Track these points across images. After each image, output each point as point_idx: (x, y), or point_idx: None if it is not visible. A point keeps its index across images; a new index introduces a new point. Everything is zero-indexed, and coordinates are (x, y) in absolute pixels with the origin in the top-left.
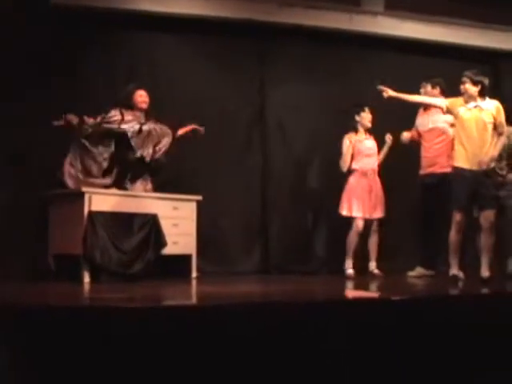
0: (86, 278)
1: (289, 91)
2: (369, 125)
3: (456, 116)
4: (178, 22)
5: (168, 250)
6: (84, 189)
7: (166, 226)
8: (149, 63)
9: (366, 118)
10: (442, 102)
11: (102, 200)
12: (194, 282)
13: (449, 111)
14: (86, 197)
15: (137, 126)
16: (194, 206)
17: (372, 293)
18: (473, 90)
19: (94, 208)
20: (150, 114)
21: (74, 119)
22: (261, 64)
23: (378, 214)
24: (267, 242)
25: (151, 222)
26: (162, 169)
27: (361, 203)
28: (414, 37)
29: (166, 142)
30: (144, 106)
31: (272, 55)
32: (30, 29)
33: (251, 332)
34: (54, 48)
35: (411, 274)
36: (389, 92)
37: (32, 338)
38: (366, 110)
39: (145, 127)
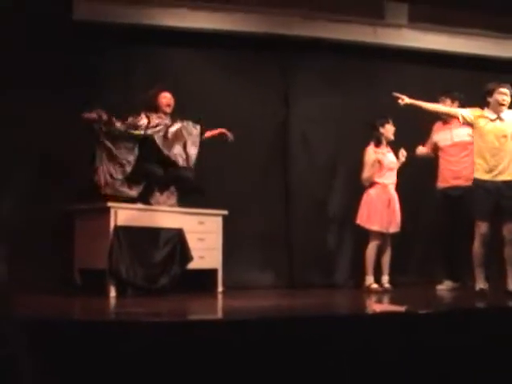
0: (112, 293)
1: (312, 104)
2: (392, 137)
3: (475, 127)
4: (200, 36)
5: (194, 264)
6: (110, 204)
7: (191, 240)
8: (171, 78)
9: (390, 130)
10: (459, 111)
11: (128, 215)
12: (219, 297)
13: (466, 122)
14: (112, 212)
15: (161, 132)
16: (219, 220)
17: (398, 306)
18: (508, 102)
19: (120, 223)
20: (176, 115)
21: (103, 115)
22: (284, 77)
23: (394, 228)
24: (291, 256)
25: (177, 237)
26: (189, 182)
27: (379, 217)
28: (437, 49)
29: (194, 148)
30: (168, 109)
31: (295, 69)
32: (51, 43)
33: (277, 346)
34: (75, 62)
35: (440, 287)
36: (405, 99)
37: (57, 353)
38: (390, 122)
39: (171, 129)
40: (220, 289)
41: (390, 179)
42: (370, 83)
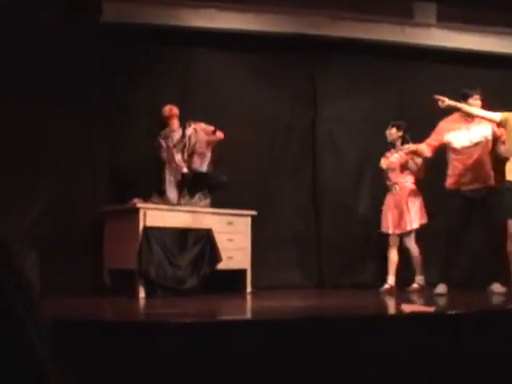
0: (141, 293)
1: (340, 105)
2: (390, 140)
3: (509, 131)
4: (227, 37)
5: (223, 264)
6: (139, 204)
7: (220, 240)
8: (197, 80)
9: (389, 134)
10: (497, 116)
11: (157, 215)
12: (248, 297)
13: (502, 125)
14: (141, 212)
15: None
16: (248, 221)
17: (425, 307)
18: None
19: (149, 223)
20: (185, 120)
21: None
22: (312, 78)
23: (400, 229)
24: (320, 256)
25: (206, 237)
26: (220, 184)
27: (384, 218)
28: (467, 48)
29: (204, 155)
30: (170, 120)
31: (323, 69)
32: (79, 45)
33: (306, 347)
34: (103, 64)
35: (495, 290)
36: (446, 101)
37: (88, 353)
38: (389, 126)
39: (178, 141)
40: (249, 289)
41: (393, 180)
42: (398, 83)
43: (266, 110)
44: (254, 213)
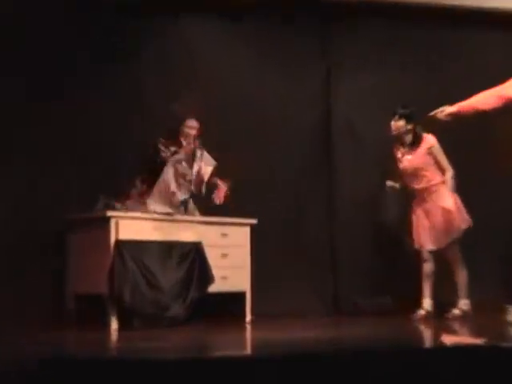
0: (114, 324)
1: (361, 85)
2: (395, 133)
3: None
4: (226, 5)
5: (216, 286)
6: (110, 213)
7: (212, 256)
8: (184, 51)
9: (392, 126)
10: None
11: (133, 226)
12: (247, 327)
13: None
14: (113, 222)
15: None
16: (247, 231)
17: (473, 338)
18: None
19: (123, 236)
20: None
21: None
22: (326, 52)
23: (431, 244)
24: (336, 275)
25: (194, 253)
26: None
27: (414, 230)
28: None
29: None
30: (188, 139)
31: (339, 40)
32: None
33: None
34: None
35: None
36: (445, 110)
37: None
38: (396, 117)
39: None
40: (248, 317)
41: (416, 185)
42: (435, 56)
43: (270, 93)
44: (253, 221)
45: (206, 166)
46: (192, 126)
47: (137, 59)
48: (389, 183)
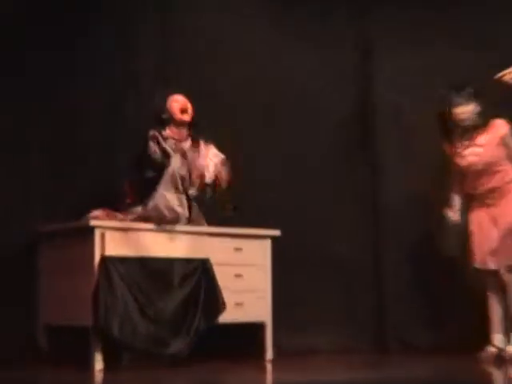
0: (99, 363)
1: (405, 65)
2: (466, 123)
3: None
4: None
5: (227, 315)
6: (93, 221)
7: (223, 277)
8: (201, 34)
9: (460, 113)
10: None
11: (122, 238)
12: (268, 367)
13: None
14: (97, 234)
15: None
16: (267, 246)
17: None
18: None
19: (111, 251)
20: (194, 127)
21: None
22: (363, 29)
23: (496, 262)
24: (380, 302)
25: (200, 272)
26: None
27: (476, 247)
28: None
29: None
30: (186, 117)
31: (379, 15)
32: None
33: None
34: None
35: None
36: None
37: None
38: (463, 100)
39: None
40: (269, 354)
41: (482, 186)
42: (484, 32)
43: (297, 77)
44: (275, 233)
45: (207, 159)
46: (183, 108)
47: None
48: (449, 214)
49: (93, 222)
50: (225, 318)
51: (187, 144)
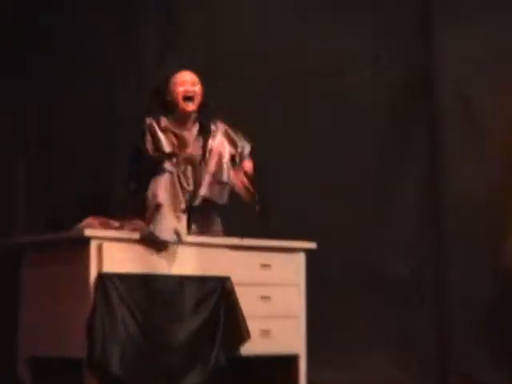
0: None
1: (472, 40)
2: None
3: None
4: None
5: (252, 346)
6: (89, 231)
7: (247, 299)
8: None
9: None
10: None
11: (123, 252)
12: None
13: None
14: (93, 246)
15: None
16: (300, 261)
17: None
18: None
19: (109, 267)
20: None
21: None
22: None
23: None
24: (441, 331)
25: (219, 293)
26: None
27: None
28: None
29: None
30: (191, 107)
31: None
32: None
33: None
34: None
35: None
36: None
37: None
38: None
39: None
40: None
41: None
42: None
43: (335, 56)
44: (311, 246)
45: (224, 147)
46: (187, 94)
47: None
48: None
49: (88, 232)
50: (249, 348)
51: (193, 133)
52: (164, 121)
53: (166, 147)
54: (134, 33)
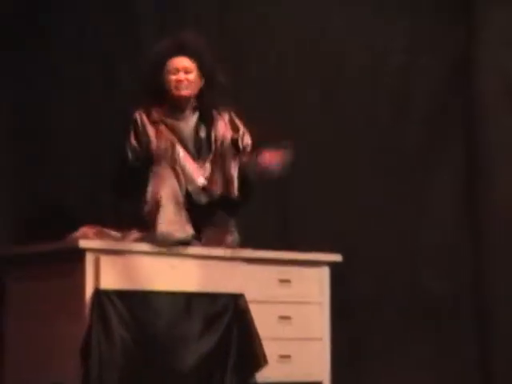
0: None
1: None
2: None
3: None
4: None
5: (270, 372)
6: (84, 243)
7: (264, 320)
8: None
9: None
10: None
11: (123, 265)
12: None
13: None
14: (90, 259)
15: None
16: (324, 275)
17: None
18: None
19: (107, 283)
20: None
21: None
22: None
23: None
24: (485, 359)
25: (232, 313)
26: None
27: None
28: None
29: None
30: (185, 92)
31: None
32: None
33: None
34: None
35: None
36: None
37: None
38: None
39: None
40: None
41: None
42: None
43: (366, 44)
44: (336, 258)
45: (227, 135)
46: (183, 67)
47: None
48: None
49: (83, 243)
50: (266, 375)
51: (190, 122)
52: (156, 111)
53: (153, 143)
54: (133, 32)
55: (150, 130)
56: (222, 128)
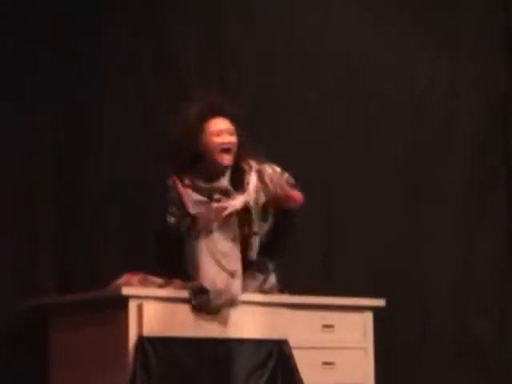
0: None
1: None
2: None
3: None
4: None
5: None
6: (127, 290)
7: (307, 365)
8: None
9: None
10: None
11: (166, 313)
12: None
13: None
14: (133, 306)
15: None
16: (367, 321)
17: None
18: None
19: (150, 330)
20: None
21: None
22: None
23: None
24: None
25: (275, 360)
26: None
27: None
28: None
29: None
30: (228, 160)
31: None
32: None
33: None
34: None
35: None
36: None
37: None
38: None
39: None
40: None
41: None
42: None
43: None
44: (380, 303)
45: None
46: (225, 142)
47: None
48: None
49: (126, 291)
50: None
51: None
52: (188, 178)
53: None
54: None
55: (191, 195)
56: (254, 181)
